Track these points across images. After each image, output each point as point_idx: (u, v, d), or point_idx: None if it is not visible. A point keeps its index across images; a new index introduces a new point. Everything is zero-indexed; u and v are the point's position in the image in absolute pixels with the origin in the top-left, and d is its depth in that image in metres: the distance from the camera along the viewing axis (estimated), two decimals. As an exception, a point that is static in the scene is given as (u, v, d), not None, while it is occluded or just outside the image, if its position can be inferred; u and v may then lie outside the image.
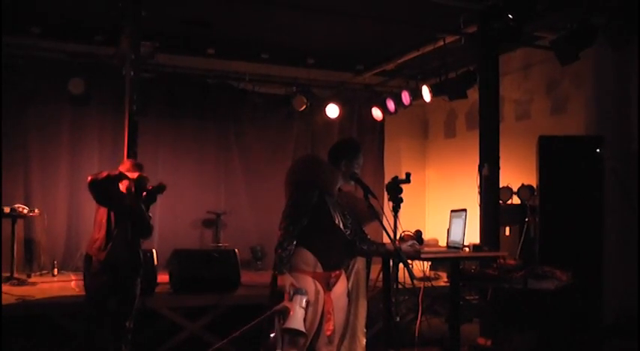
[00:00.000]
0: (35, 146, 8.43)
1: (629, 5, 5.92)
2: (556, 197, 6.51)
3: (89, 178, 4.64)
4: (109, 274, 4.65)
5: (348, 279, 4.13)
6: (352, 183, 3.79)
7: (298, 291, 3.28)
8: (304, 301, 3.27)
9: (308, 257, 3.44)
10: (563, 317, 5.95)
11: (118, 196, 4.69)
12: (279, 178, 3.73)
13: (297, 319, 3.20)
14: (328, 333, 3.47)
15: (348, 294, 3.95)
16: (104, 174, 4.63)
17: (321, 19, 7.41)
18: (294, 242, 3.39)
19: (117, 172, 4.71)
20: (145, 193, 4.79)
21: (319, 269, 3.44)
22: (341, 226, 3.55)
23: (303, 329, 3.22)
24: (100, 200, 4.71)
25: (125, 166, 4.82)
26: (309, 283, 3.41)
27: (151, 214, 4.95)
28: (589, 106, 7.50)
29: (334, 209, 3.54)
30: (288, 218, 3.40)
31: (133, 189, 4.67)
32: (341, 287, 3.59)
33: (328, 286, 3.48)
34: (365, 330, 4.40)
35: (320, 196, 3.48)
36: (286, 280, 3.32)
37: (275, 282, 3.51)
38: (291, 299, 3.26)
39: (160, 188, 4.91)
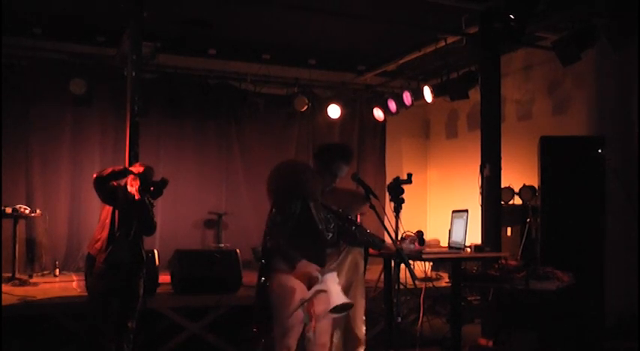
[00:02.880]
0: (37, 147, 8.43)
1: (630, 6, 5.92)
2: (557, 198, 6.50)
3: (94, 175, 4.66)
4: (111, 275, 4.65)
5: (341, 271, 4.13)
6: (327, 189, 3.80)
7: (325, 271, 3.33)
8: (335, 276, 3.32)
9: None
10: (565, 318, 5.95)
11: (123, 192, 4.70)
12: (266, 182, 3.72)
13: (339, 295, 3.23)
14: (308, 334, 3.48)
15: (345, 287, 3.96)
16: (109, 170, 4.64)
17: (323, 19, 7.41)
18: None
19: (121, 168, 4.72)
20: (152, 188, 4.79)
21: (304, 270, 3.44)
22: (323, 230, 3.55)
23: (348, 301, 3.27)
24: (105, 198, 4.72)
25: (135, 168, 4.82)
26: (298, 285, 3.42)
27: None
28: (590, 107, 7.50)
29: (318, 214, 3.53)
30: (275, 230, 3.42)
31: (138, 183, 4.67)
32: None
33: (309, 287, 3.49)
34: (364, 318, 4.39)
35: (303, 203, 3.47)
36: (307, 267, 3.33)
37: (262, 285, 3.52)
38: (321, 282, 3.27)
39: (164, 182, 4.90)
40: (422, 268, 7.05)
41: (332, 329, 3.82)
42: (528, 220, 7.21)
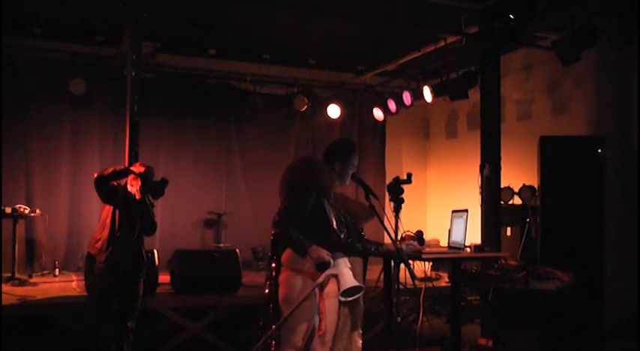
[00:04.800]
0: (36, 146, 8.42)
1: (630, 5, 5.92)
2: (557, 198, 6.50)
3: (95, 175, 4.66)
4: (111, 275, 4.65)
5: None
6: (347, 184, 3.80)
7: (336, 256, 3.33)
8: (347, 260, 3.33)
9: (304, 258, 3.44)
10: (565, 318, 5.95)
11: (124, 192, 4.70)
12: (280, 179, 3.73)
13: (350, 278, 3.24)
14: (320, 333, 3.48)
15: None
16: (110, 169, 4.65)
17: (323, 19, 7.41)
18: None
19: (122, 167, 4.72)
20: (153, 188, 4.80)
21: (313, 269, 3.44)
22: (337, 228, 3.55)
23: (359, 283, 3.26)
24: (106, 198, 4.72)
25: (136, 168, 4.82)
26: (307, 283, 3.42)
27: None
28: (590, 107, 7.50)
29: (330, 211, 3.53)
30: (284, 219, 3.40)
31: (139, 183, 4.68)
32: (332, 287, 3.60)
33: (321, 287, 3.49)
34: (361, 331, 4.40)
35: (317, 198, 3.48)
36: (318, 251, 3.34)
37: (270, 281, 3.53)
38: (333, 265, 3.29)
39: (164, 182, 4.90)
40: (422, 268, 7.05)
41: (335, 330, 3.82)
42: (528, 220, 7.20)
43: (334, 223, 3.52)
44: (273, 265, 3.66)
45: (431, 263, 7.36)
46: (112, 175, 4.64)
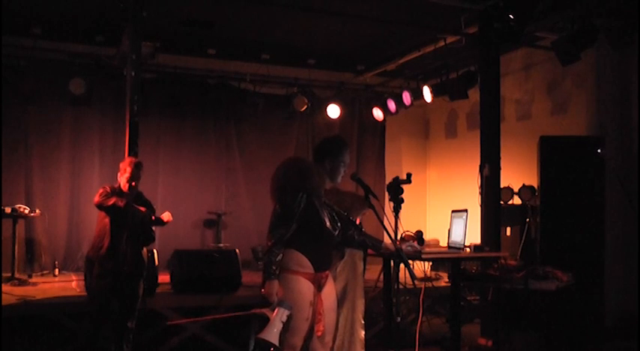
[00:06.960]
0: (36, 147, 8.43)
1: (630, 6, 5.93)
2: (557, 198, 6.50)
3: (96, 200, 4.69)
4: (112, 277, 4.66)
5: (340, 273, 4.14)
6: (339, 181, 3.79)
7: (283, 304, 3.24)
8: (286, 315, 3.22)
9: (301, 259, 3.43)
10: (564, 318, 5.95)
11: (122, 215, 4.74)
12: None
13: (273, 333, 3.15)
14: (319, 334, 3.47)
15: (343, 289, 3.96)
16: (111, 201, 4.65)
17: (322, 19, 7.41)
18: (283, 247, 3.38)
19: (124, 203, 4.69)
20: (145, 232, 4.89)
21: (311, 271, 3.43)
22: (330, 227, 3.54)
23: (277, 344, 3.17)
24: (103, 210, 4.77)
25: (125, 164, 4.83)
26: (306, 285, 3.41)
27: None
28: (590, 107, 7.50)
29: (323, 211, 3.52)
30: (277, 224, 3.39)
31: (128, 175, 4.73)
32: (330, 287, 3.60)
33: (319, 287, 3.48)
34: (363, 322, 4.39)
35: (308, 199, 3.46)
36: (273, 288, 3.31)
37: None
38: (272, 309, 3.23)
39: (159, 223, 5.02)
40: (421, 267, 7.05)
41: (335, 329, 3.81)
42: (528, 219, 7.21)
43: (327, 222, 3.51)
44: None
45: (430, 263, 7.37)
46: (111, 209, 4.66)
